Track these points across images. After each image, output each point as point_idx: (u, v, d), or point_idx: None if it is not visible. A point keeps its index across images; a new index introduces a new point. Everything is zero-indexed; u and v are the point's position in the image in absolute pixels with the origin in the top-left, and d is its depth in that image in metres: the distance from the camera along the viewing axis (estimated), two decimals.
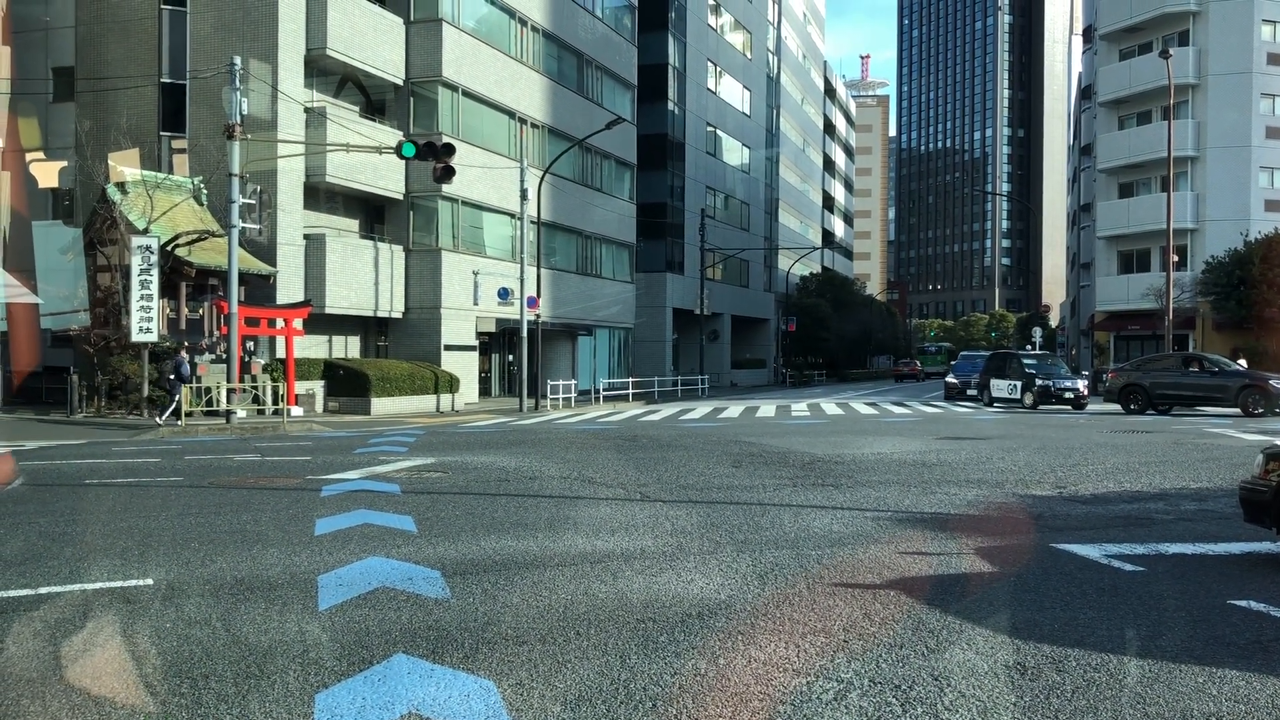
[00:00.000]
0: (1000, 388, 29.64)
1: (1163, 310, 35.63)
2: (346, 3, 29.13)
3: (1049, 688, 4.19)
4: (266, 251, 26.64)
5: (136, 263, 22.06)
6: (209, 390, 22.42)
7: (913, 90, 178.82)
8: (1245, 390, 23.59)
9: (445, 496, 10.06)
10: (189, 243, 24.19)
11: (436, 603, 5.64)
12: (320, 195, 29.94)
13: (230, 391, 22.10)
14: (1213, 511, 8.94)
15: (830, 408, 29.38)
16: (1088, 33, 58.18)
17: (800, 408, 29.44)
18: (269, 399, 23.61)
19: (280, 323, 25.59)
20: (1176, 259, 41.11)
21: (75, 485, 11.23)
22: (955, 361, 42.64)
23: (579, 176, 41.05)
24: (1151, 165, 46.09)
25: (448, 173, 21.37)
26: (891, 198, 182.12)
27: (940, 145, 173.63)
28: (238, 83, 21.76)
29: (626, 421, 23.63)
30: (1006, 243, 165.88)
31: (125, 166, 25.21)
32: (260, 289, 26.38)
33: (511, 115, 35.93)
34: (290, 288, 27.59)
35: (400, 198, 31.96)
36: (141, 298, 22.05)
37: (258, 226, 23.20)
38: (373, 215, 32.79)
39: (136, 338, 22.37)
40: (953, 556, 6.96)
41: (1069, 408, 27.66)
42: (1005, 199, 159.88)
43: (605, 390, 38.24)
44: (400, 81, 31.76)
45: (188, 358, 22.52)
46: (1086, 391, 28.33)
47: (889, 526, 8.17)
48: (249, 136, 23.07)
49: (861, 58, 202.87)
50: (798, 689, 4.17)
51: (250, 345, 25.56)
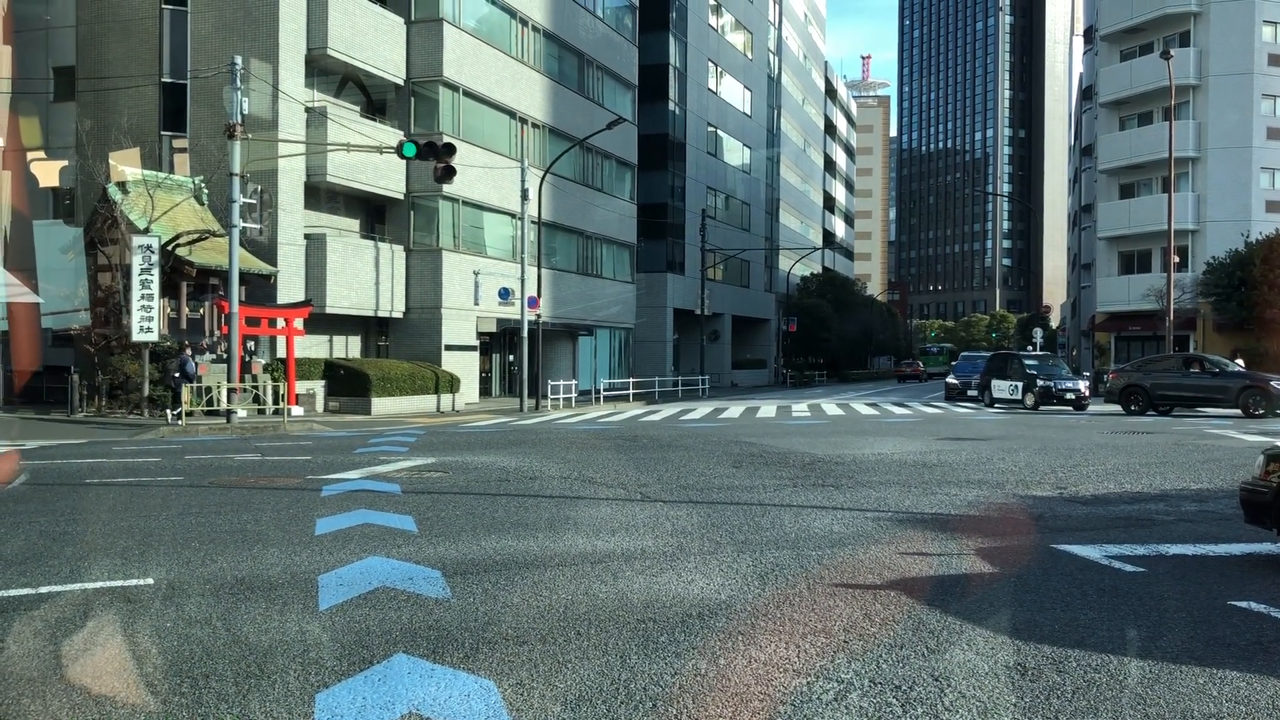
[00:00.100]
0: (1001, 388, 29.61)
1: (1163, 311, 35.62)
2: (347, 2, 29.13)
3: (1049, 688, 4.19)
4: (267, 251, 26.65)
5: (137, 262, 22.08)
6: (209, 390, 22.44)
7: (914, 91, 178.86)
8: (1246, 391, 23.60)
9: (446, 496, 10.06)
10: (190, 242, 24.21)
11: (437, 602, 5.64)
12: (321, 195, 29.96)
13: (231, 391, 22.12)
14: (1213, 512, 8.94)
15: (831, 408, 29.38)
16: (1089, 33, 58.15)
17: (801, 408, 29.44)
18: (269, 399, 23.63)
19: (281, 322, 25.61)
20: (1177, 260, 41.09)
21: (76, 484, 11.24)
22: (956, 362, 42.59)
23: (580, 177, 41.05)
24: (1152, 166, 46.07)
25: (448, 173, 21.38)
26: (892, 198, 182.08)
27: (941, 146, 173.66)
28: (238, 82, 21.77)
29: (627, 422, 23.63)
30: (1007, 243, 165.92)
31: (126, 166, 25.23)
32: (261, 289, 26.40)
33: (512, 115, 35.93)
34: (291, 287, 27.60)
35: (401, 198, 31.97)
36: (142, 297, 22.06)
37: (258, 226, 23.21)
38: (373, 215, 32.80)
39: (137, 337, 22.38)
40: (953, 557, 6.96)
41: (1070, 408, 27.62)
42: (1006, 200, 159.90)
43: (606, 390, 38.24)
44: (401, 81, 31.77)
45: (192, 355, 22.57)
46: (1088, 392, 28.28)
47: (889, 527, 8.17)
48: (250, 136, 23.08)
49: (862, 58, 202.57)
50: (798, 689, 4.17)
51: (251, 345, 25.58)
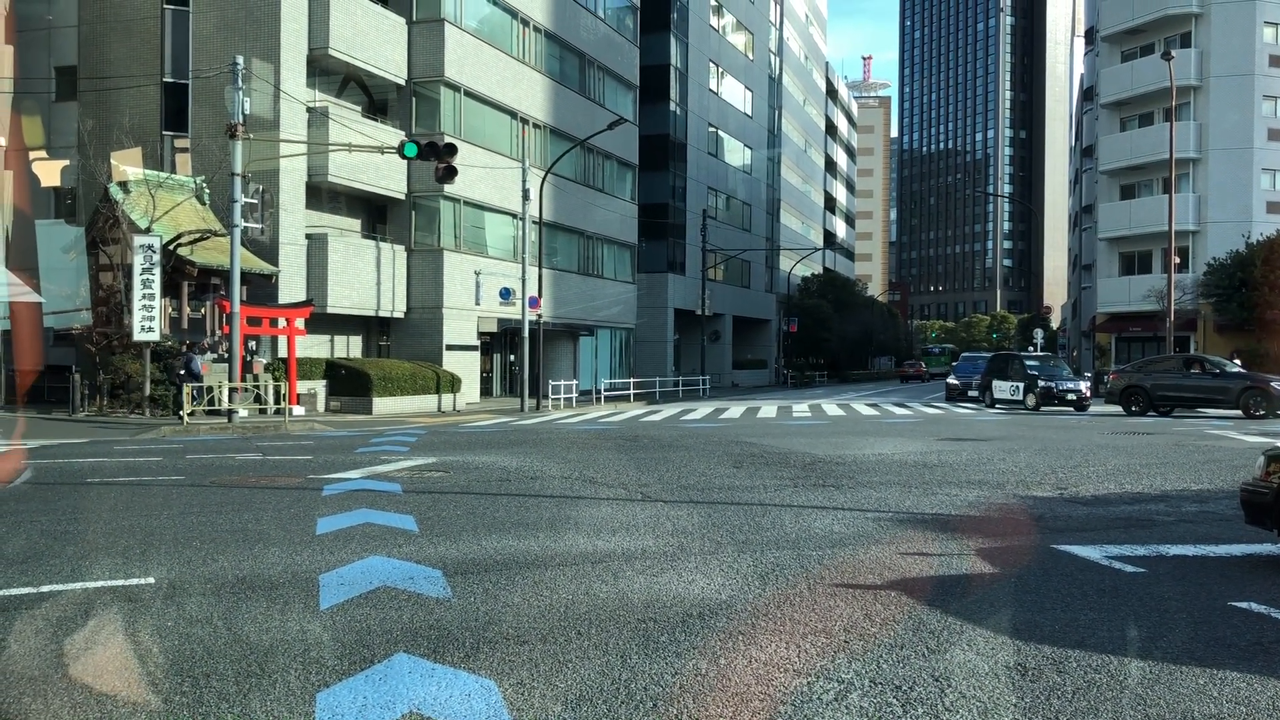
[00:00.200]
0: (1002, 389, 29.58)
1: (1164, 312, 35.61)
2: (349, 2, 29.14)
3: (1050, 689, 4.19)
4: (268, 251, 26.67)
5: (139, 262, 22.08)
6: (210, 389, 22.45)
7: (914, 91, 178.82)
8: (1247, 392, 23.58)
9: (446, 496, 10.06)
10: (191, 242, 24.22)
11: (438, 602, 5.64)
12: (322, 195, 29.97)
13: (232, 391, 22.13)
14: (1214, 513, 8.94)
15: (831, 409, 29.38)
16: (1089, 34, 58.13)
17: (801, 408, 29.44)
18: (271, 398, 23.65)
19: (282, 322, 25.62)
20: (1178, 261, 41.09)
21: (77, 484, 11.24)
22: (956, 363, 42.61)
23: (581, 177, 41.06)
24: (1153, 167, 46.06)
25: (450, 173, 21.39)
26: (893, 199, 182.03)
27: (942, 146, 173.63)
28: (240, 82, 21.79)
29: (628, 422, 23.63)
30: (1008, 244, 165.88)
31: (127, 166, 25.25)
32: (262, 288, 26.42)
33: (513, 115, 35.94)
34: (292, 287, 27.61)
35: (402, 198, 31.98)
36: (144, 297, 22.07)
37: (260, 226, 23.23)
38: (375, 215, 32.82)
39: (138, 337, 22.39)
40: (954, 557, 6.96)
41: (1071, 409, 27.61)
42: (1007, 200, 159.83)
43: (606, 390, 38.24)
44: (402, 81, 31.79)
45: (198, 355, 22.63)
46: (1089, 393, 28.24)
47: (890, 527, 8.17)
48: (251, 136, 23.10)
49: (863, 59, 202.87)
50: (798, 689, 4.18)
51: (252, 345, 25.60)
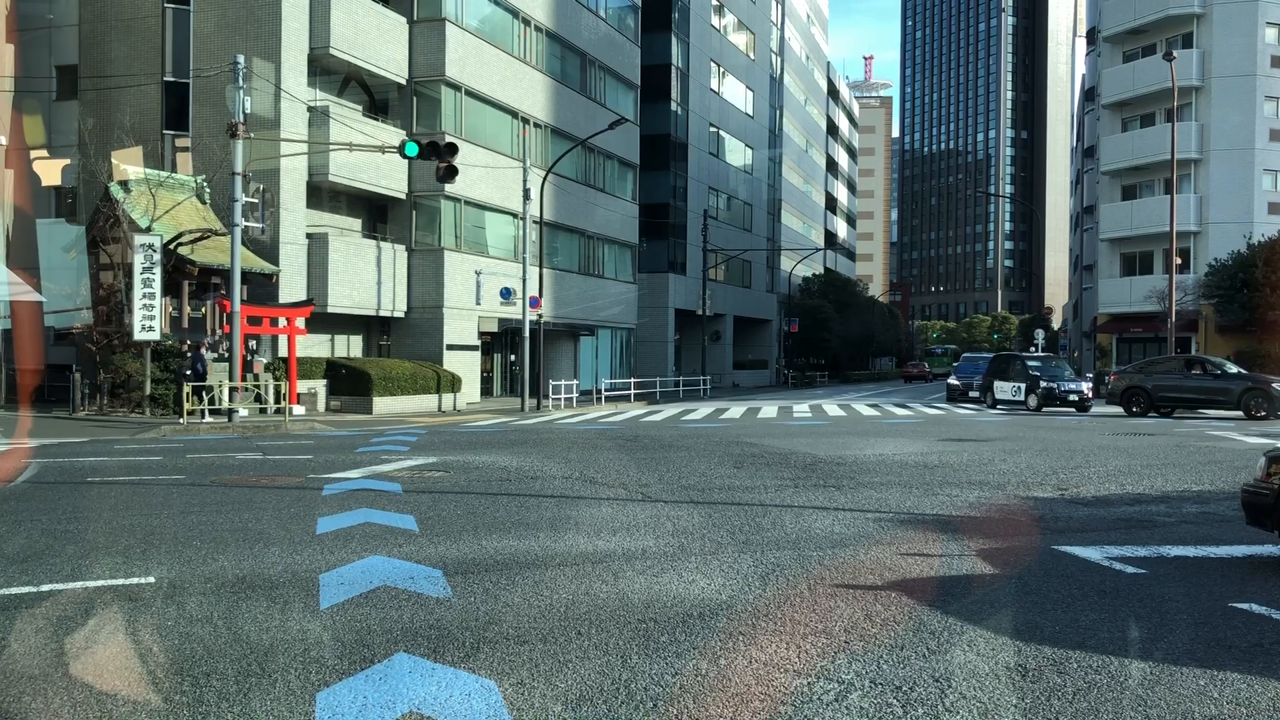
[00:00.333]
0: (1004, 389, 29.56)
1: (1165, 313, 35.60)
2: (350, 2, 29.14)
3: (1050, 689, 4.19)
4: (269, 250, 26.67)
5: (139, 261, 22.08)
6: (211, 389, 22.45)
7: (916, 91, 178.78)
8: (1248, 393, 23.57)
9: (447, 496, 10.06)
10: (192, 241, 24.22)
11: (438, 602, 5.64)
12: (323, 194, 29.98)
13: (233, 390, 22.13)
14: (1214, 514, 8.93)
15: (832, 409, 29.37)
16: (1091, 35, 58.10)
17: (802, 409, 29.43)
18: (271, 398, 23.65)
19: (282, 322, 25.62)
20: (1179, 262, 41.07)
21: (78, 483, 11.24)
22: (957, 363, 42.61)
23: (582, 177, 41.05)
24: (1155, 168, 46.04)
25: (450, 172, 21.38)
26: (894, 199, 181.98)
27: (943, 147, 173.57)
28: (241, 81, 21.79)
29: (628, 422, 23.63)
30: (1009, 245, 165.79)
31: (128, 164, 25.25)
32: (263, 288, 26.42)
33: (514, 115, 35.94)
34: (293, 287, 27.61)
35: (403, 197, 31.98)
36: (144, 296, 22.07)
37: (260, 225, 23.23)
38: (375, 214, 32.82)
39: (139, 336, 22.40)
40: (954, 558, 6.95)
41: (1072, 410, 27.59)
42: (1008, 201, 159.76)
43: (607, 390, 38.23)
44: (403, 81, 31.79)
45: (206, 354, 22.66)
46: (1091, 394, 28.20)
47: (890, 528, 8.17)
48: (252, 135, 23.10)
49: (865, 59, 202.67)
50: (799, 689, 4.17)
51: (252, 344, 25.60)
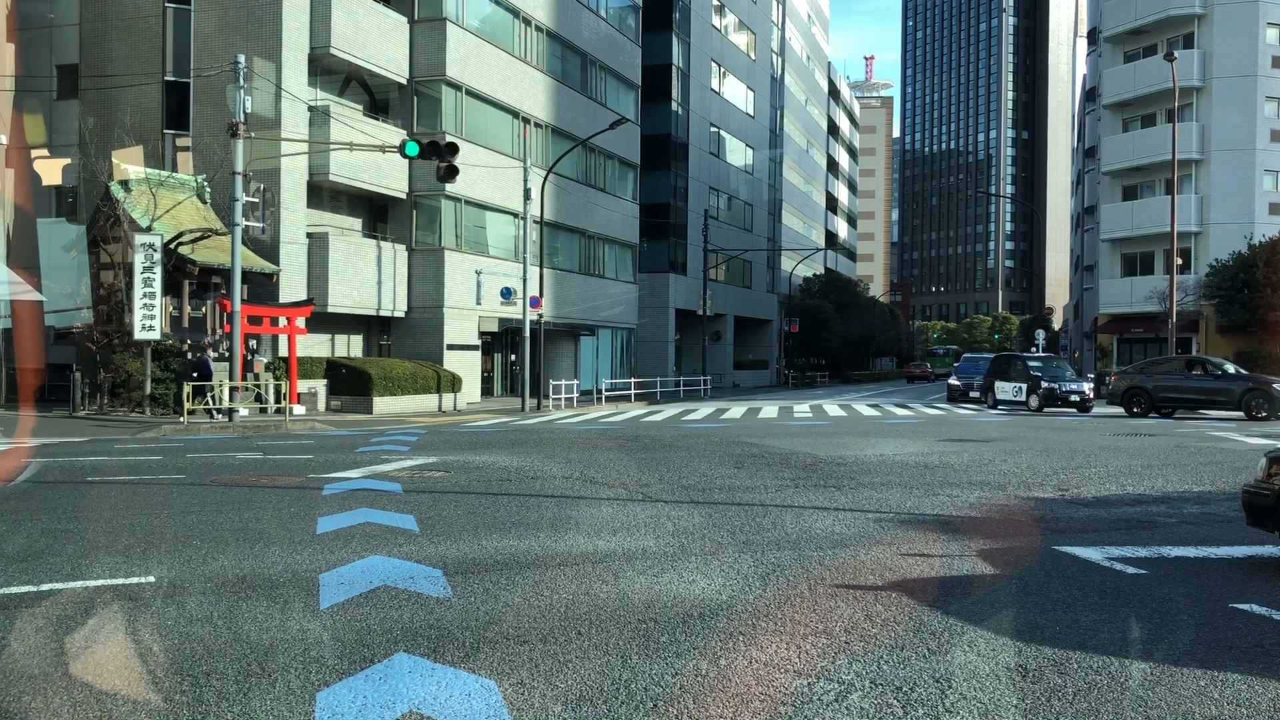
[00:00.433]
0: (1005, 390, 29.53)
1: (1166, 313, 35.59)
2: (351, 1, 29.14)
3: (1051, 690, 4.19)
4: (269, 250, 26.67)
5: (140, 260, 22.09)
6: (212, 389, 22.45)
7: (917, 92, 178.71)
8: (1249, 393, 23.55)
9: (447, 496, 10.06)
10: (192, 241, 24.22)
11: (438, 602, 5.64)
12: (324, 194, 29.98)
13: (233, 390, 22.13)
14: (1215, 515, 8.93)
15: (833, 409, 29.37)
16: (1092, 35, 58.08)
17: (803, 409, 29.42)
18: (271, 397, 23.65)
19: (283, 321, 25.62)
20: (1180, 262, 41.07)
21: (78, 482, 11.24)
22: (958, 364, 42.58)
23: (582, 176, 41.05)
24: (1155, 168, 46.03)
25: (451, 172, 21.37)
26: (895, 199, 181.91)
27: (944, 147, 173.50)
28: (242, 81, 21.79)
29: (629, 422, 23.63)
30: (1010, 245, 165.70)
31: (129, 164, 25.25)
32: (263, 287, 26.41)
33: (515, 115, 35.94)
34: (293, 286, 27.61)
35: (403, 197, 31.98)
36: (144, 295, 22.07)
37: (261, 225, 23.24)
38: (376, 214, 32.82)
39: (139, 335, 22.40)
40: (955, 558, 6.95)
41: (1073, 411, 27.56)
42: (1009, 201, 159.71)
43: (607, 391, 38.23)
44: (404, 80, 31.79)
45: (211, 355, 22.68)
46: (1092, 394, 28.16)
47: (891, 528, 8.16)
48: (253, 135, 23.10)
49: (865, 59, 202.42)
50: (799, 690, 4.17)
51: (253, 344, 25.59)
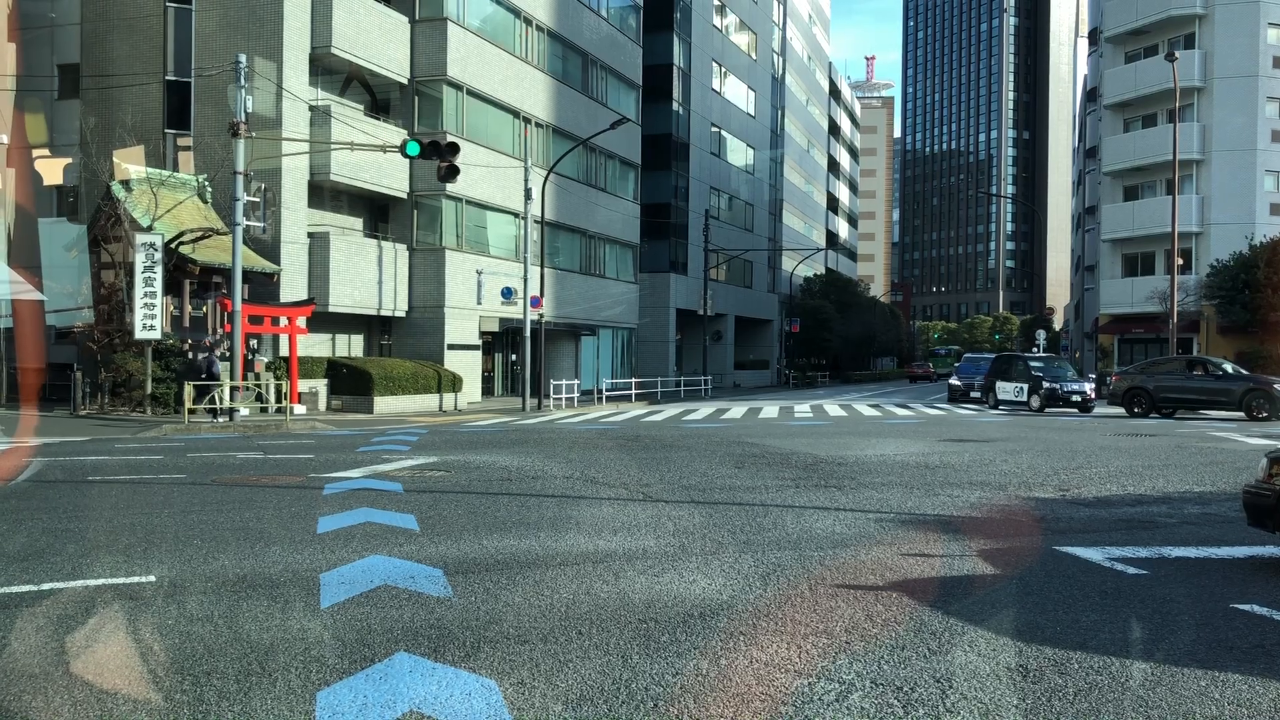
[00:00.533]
0: (1006, 390, 29.52)
1: (1167, 314, 35.58)
2: (352, 1, 29.14)
3: (1051, 690, 4.18)
4: (270, 249, 26.68)
5: (140, 260, 22.09)
6: (213, 388, 22.45)
7: (918, 92, 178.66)
8: (1250, 394, 23.53)
9: (448, 495, 10.06)
10: (193, 240, 24.22)
11: (438, 601, 5.64)
12: (325, 194, 29.98)
13: (234, 389, 22.14)
14: (1216, 515, 8.92)
15: (833, 409, 29.36)
16: (1093, 35, 58.07)
17: (803, 409, 29.42)
18: (272, 397, 23.65)
19: (284, 321, 25.62)
20: (1181, 262, 41.04)
21: (79, 482, 11.24)
22: (959, 364, 42.56)
23: (583, 176, 41.05)
24: (1156, 168, 46.01)
25: (452, 172, 21.37)
26: (896, 199, 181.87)
27: (945, 147, 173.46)
28: (243, 80, 21.80)
29: (629, 422, 23.63)
30: (1011, 245, 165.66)
31: (130, 164, 25.26)
32: (264, 287, 26.42)
33: (516, 115, 35.94)
34: (294, 286, 27.62)
35: (404, 196, 31.98)
36: (145, 295, 22.08)
37: (262, 224, 23.24)
38: (377, 214, 32.82)
39: (140, 335, 22.41)
40: (955, 558, 6.95)
41: (1075, 411, 27.55)
42: (1009, 201, 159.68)
43: (608, 390, 38.23)
44: (405, 80, 31.79)
45: (218, 355, 22.69)
46: (1094, 394, 28.14)
47: (891, 528, 8.16)
48: (254, 134, 23.11)
49: (866, 59, 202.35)
50: (799, 690, 4.17)
51: (254, 343, 25.60)
